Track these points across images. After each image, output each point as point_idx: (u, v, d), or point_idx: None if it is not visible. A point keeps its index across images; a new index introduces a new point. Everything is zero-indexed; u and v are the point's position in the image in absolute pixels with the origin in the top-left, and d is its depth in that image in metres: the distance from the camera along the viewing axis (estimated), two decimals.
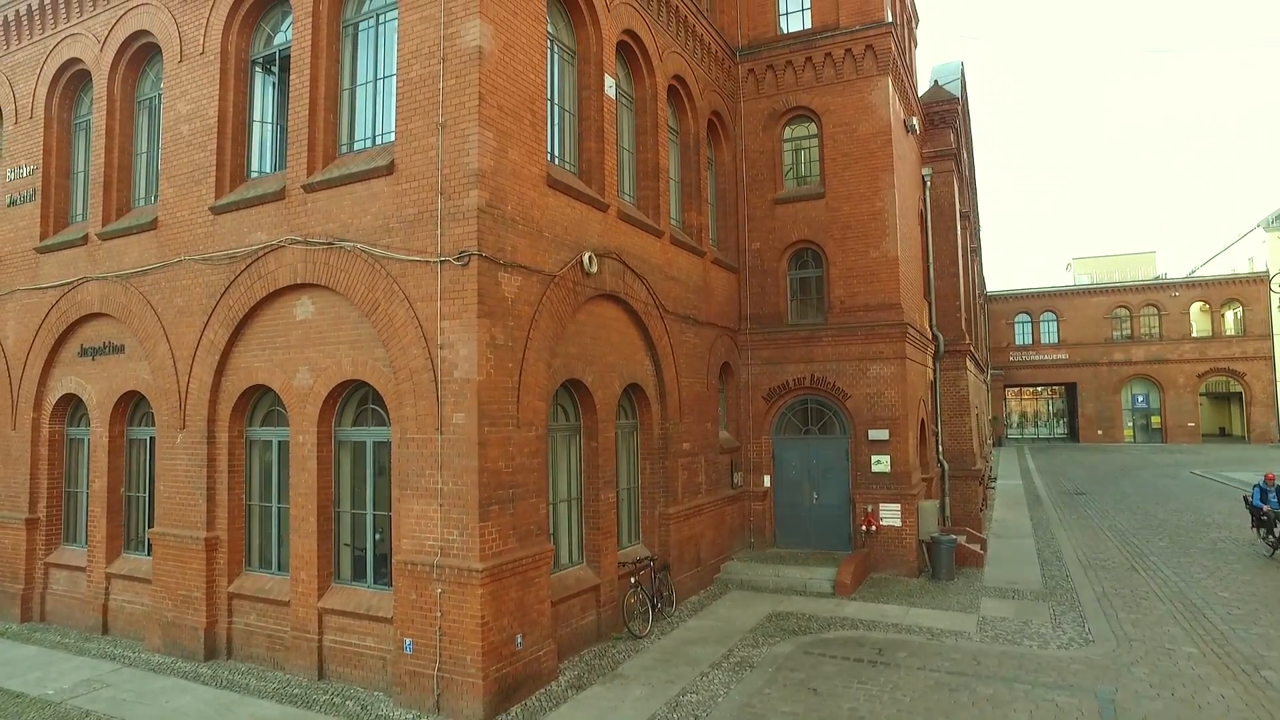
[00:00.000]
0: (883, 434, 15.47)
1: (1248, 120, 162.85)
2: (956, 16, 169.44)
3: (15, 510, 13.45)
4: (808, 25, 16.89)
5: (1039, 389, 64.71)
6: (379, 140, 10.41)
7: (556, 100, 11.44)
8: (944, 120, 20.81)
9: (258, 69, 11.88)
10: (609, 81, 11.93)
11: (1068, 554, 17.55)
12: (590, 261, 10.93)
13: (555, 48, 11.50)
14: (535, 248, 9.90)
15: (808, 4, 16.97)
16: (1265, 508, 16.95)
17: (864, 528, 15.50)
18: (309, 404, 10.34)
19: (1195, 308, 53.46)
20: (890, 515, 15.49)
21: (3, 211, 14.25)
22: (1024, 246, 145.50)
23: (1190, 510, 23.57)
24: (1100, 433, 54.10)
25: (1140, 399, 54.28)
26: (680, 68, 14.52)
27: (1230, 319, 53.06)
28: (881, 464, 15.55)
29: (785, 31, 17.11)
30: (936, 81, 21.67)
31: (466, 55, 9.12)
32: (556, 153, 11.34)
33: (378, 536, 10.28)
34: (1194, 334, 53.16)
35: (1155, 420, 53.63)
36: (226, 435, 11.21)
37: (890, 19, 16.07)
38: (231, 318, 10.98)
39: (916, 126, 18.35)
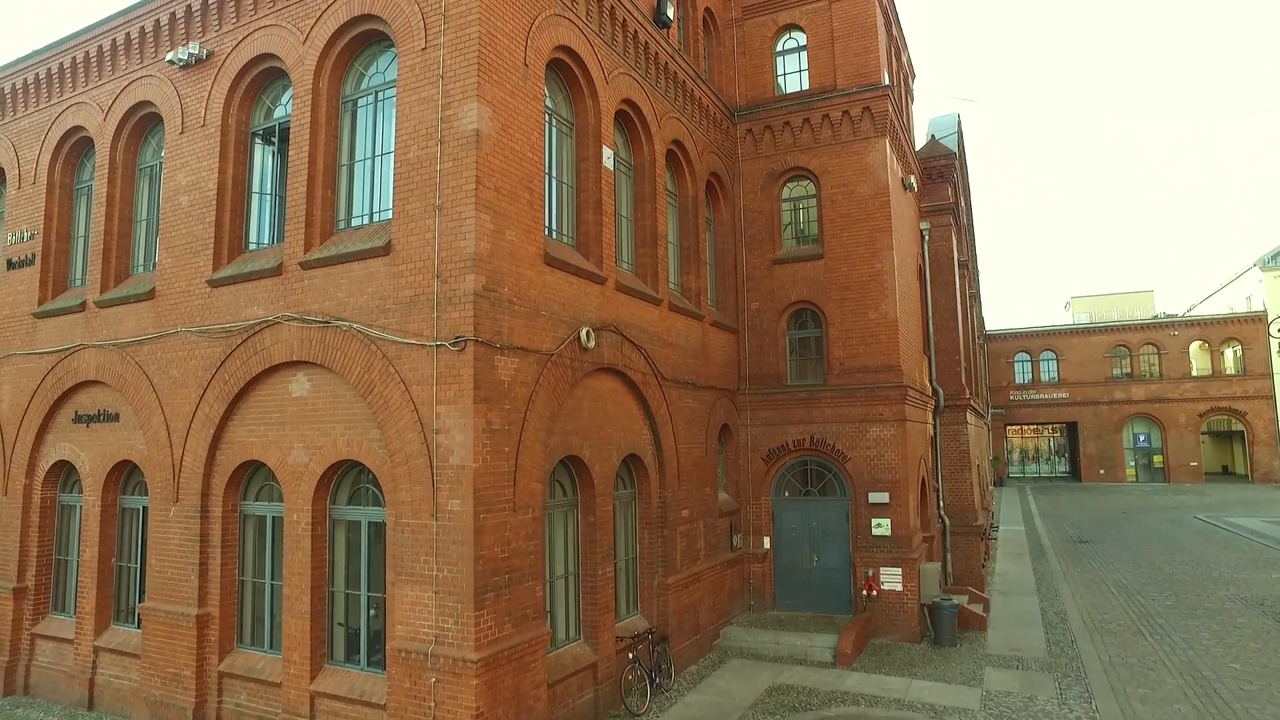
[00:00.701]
0: (883, 497, 15.32)
1: (1241, 157, 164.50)
2: (954, 68, 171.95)
3: (3, 579, 13.26)
4: (805, 86, 17.05)
5: (1040, 425, 64.39)
6: (377, 216, 10.43)
7: (554, 173, 11.48)
8: (941, 175, 20.94)
9: (258, 140, 11.95)
10: (607, 154, 11.99)
11: (1072, 615, 17.29)
12: (588, 337, 10.88)
13: (553, 121, 11.57)
14: (532, 328, 9.87)
15: (805, 65, 17.15)
16: None
17: (865, 592, 15.29)
18: (303, 482, 10.24)
19: (1194, 346, 53.46)
20: (891, 579, 15.29)
21: (2, 275, 14.26)
22: (1022, 285, 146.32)
23: (1196, 562, 23.31)
24: (1102, 472, 53.80)
25: (1142, 438, 54.06)
26: (679, 132, 14.61)
27: (1230, 357, 53.05)
28: (882, 527, 15.39)
29: (783, 92, 17.27)
30: (934, 136, 21.87)
31: (464, 138, 9.16)
32: (554, 226, 11.36)
33: (372, 613, 10.12)
34: (1194, 373, 53.09)
35: (1157, 459, 53.35)
36: (220, 510, 11.09)
37: (887, 81, 16.22)
38: (227, 392, 10.91)
39: (914, 184, 18.44)
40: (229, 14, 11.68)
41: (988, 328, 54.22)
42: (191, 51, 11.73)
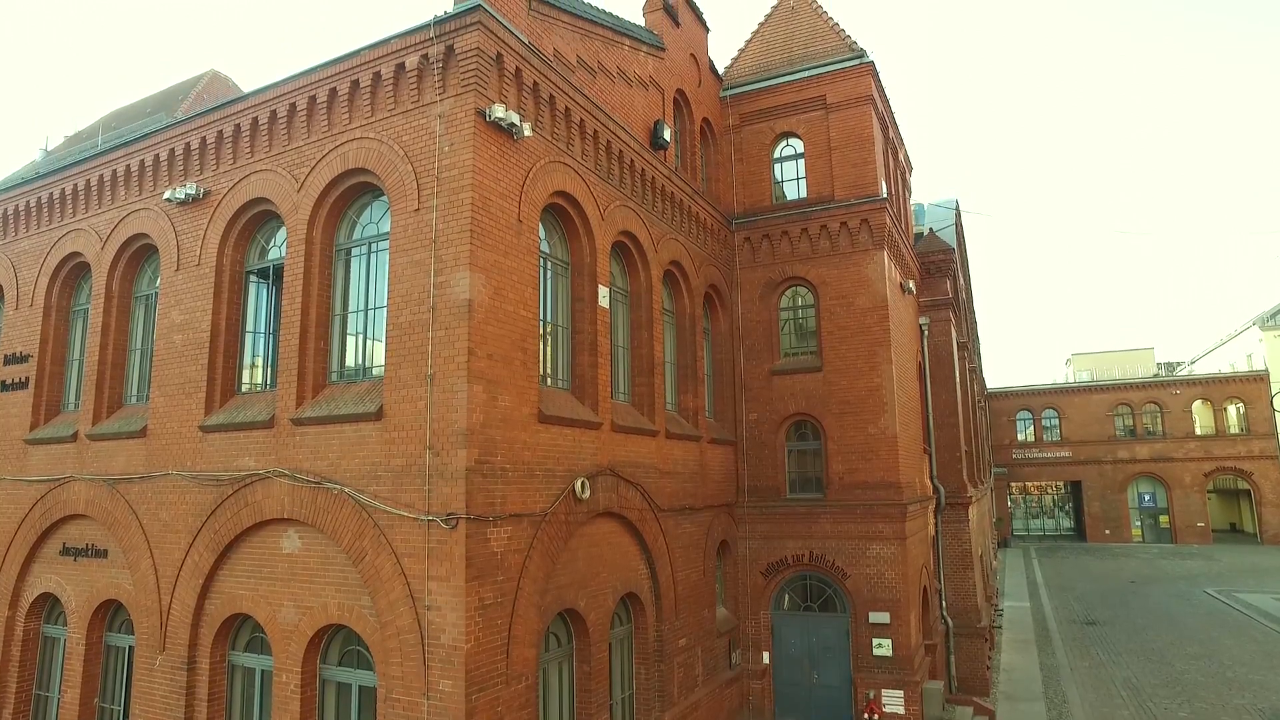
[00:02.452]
0: (883, 617, 15.03)
1: (1238, 206, 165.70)
2: (952, 134, 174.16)
3: None
4: (803, 194, 17.11)
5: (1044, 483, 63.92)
6: (370, 371, 10.35)
7: (549, 317, 11.42)
8: (940, 270, 20.96)
9: (253, 277, 11.94)
10: (603, 292, 11.95)
11: None
12: (583, 488, 10.73)
13: (548, 264, 11.54)
14: (525, 491, 9.71)
15: (802, 173, 17.24)
16: None
17: (866, 715, 14.91)
18: (293, 642, 10.00)
19: (1197, 405, 53.19)
20: (893, 701, 14.93)
21: None
22: (1022, 340, 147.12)
23: (1209, 656, 22.79)
24: (1108, 532, 53.20)
25: (1147, 497, 53.53)
26: (676, 253, 14.62)
27: (1233, 415, 52.77)
28: (883, 647, 15.07)
29: (781, 199, 17.34)
30: (931, 229, 21.93)
31: (456, 308, 9.09)
32: (549, 370, 11.27)
33: None
34: (1197, 431, 52.75)
35: (1163, 519, 52.78)
36: (208, 662, 10.83)
37: (884, 194, 16.27)
38: (217, 542, 10.72)
39: (913, 288, 18.43)
40: (225, 155, 11.74)
41: (989, 386, 54.06)
42: (189, 191, 11.76)
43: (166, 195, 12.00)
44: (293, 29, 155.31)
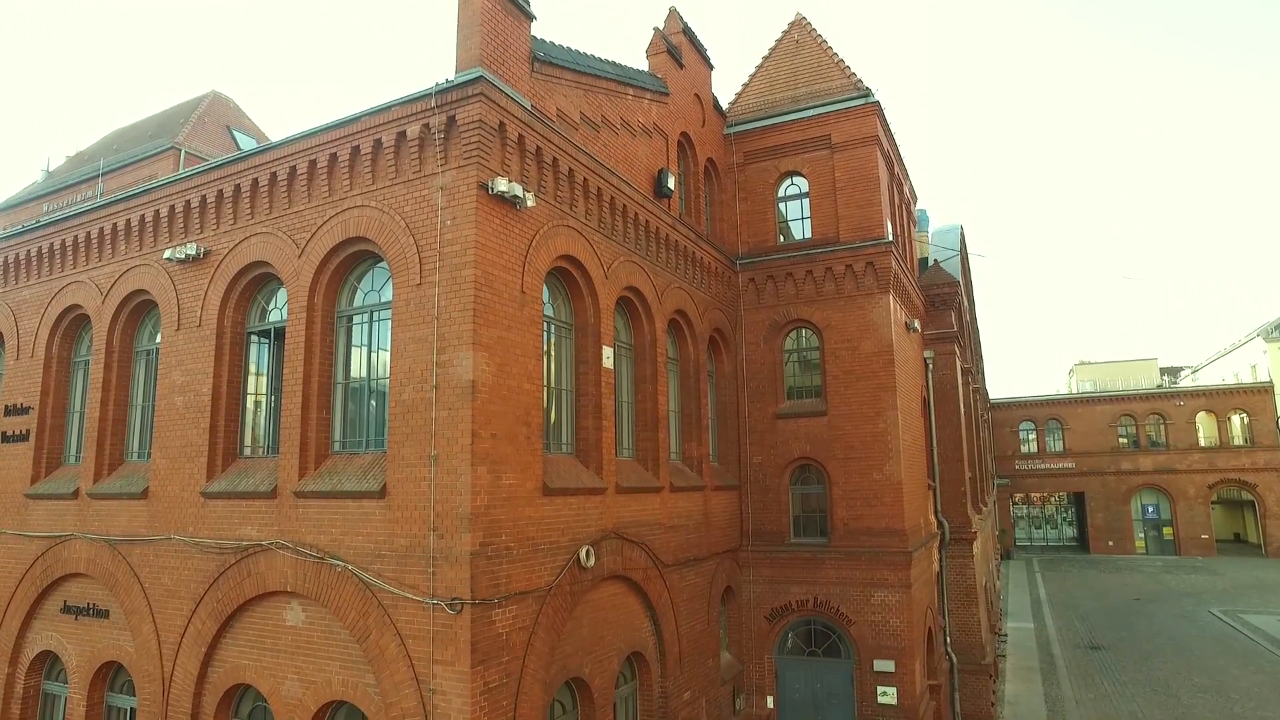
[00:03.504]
0: (888, 665, 14.95)
1: (1239, 210, 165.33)
2: (953, 142, 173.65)
3: None
4: (808, 234, 17.00)
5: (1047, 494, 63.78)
6: (371, 442, 10.26)
7: (553, 382, 11.32)
8: (945, 302, 20.83)
9: (254, 337, 11.85)
10: (607, 353, 11.86)
11: None
12: (588, 556, 10.65)
13: (551, 326, 11.44)
14: (530, 566, 9.63)
15: (807, 213, 17.13)
16: None
17: None
18: (297, 715, 9.90)
19: (1200, 416, 53.03)
20: None
21: None
22: (1025, 349, 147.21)
23: (1216, 688, 22.65)
24: (1111, 544, 53.10)
25: (1150, 509, 53.40)
26: (681, 301, 14.52)
27: (1237, 426, 52.61)
28: (888, 695, 14.98)
29: (787, 238, 17.23)
30: (936, 261, 21.80)
31: (459, 389, 9.00)
32: (552, 437, 11.17)
33: None
34: (1201, 443, 52.58)
35: (1167, 531, 52.66)
36: None
37: (890, 236, 16.16)
38: (220, 611, 10.64)
39: (918, 326, 18.32)
40: (225, 215, 11.65)
41: (992, 397, 53.90)
42: (189, 251, 11.67)
43: (167, 254, 11.91)
44: (294, 41, 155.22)
